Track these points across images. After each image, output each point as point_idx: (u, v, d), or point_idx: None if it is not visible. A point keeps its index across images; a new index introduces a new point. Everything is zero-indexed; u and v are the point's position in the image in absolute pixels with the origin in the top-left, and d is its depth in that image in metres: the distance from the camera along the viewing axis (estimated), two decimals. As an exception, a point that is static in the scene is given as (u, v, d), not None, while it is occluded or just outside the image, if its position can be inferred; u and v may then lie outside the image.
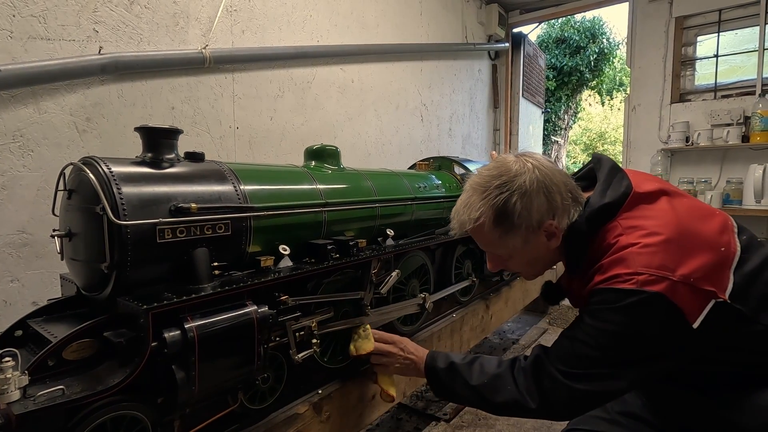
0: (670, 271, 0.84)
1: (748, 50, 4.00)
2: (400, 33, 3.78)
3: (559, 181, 0.98)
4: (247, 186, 1.32)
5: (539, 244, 1.00)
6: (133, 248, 1.03)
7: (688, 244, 0.87)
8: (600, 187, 0.99)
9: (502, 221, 0.97)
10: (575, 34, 10.64)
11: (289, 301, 1.29)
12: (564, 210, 0.97)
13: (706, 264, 0.86)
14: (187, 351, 0.99)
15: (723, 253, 0.88)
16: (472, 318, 2.37)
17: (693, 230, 0.90)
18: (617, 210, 0.95)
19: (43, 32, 1.79)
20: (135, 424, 0.97)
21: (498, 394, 1.00)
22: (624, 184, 0.97)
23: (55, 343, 0.95)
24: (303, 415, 1.34)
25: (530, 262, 1.07)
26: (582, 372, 0.91)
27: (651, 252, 0.86)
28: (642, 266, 0.85)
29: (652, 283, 0.83)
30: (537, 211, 0.95)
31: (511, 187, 0.95)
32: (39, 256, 1.82)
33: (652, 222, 0.91)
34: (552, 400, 0.93)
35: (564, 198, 0.97)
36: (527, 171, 0.96)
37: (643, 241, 0.88)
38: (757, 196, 3.59)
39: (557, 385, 0.92)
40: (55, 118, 1.85)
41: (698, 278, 0.84)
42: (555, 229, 0.97)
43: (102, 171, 1.05)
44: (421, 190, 2.07)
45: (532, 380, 0.96)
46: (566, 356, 0.94)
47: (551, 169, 0.99)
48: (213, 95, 2.41)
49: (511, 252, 1.03)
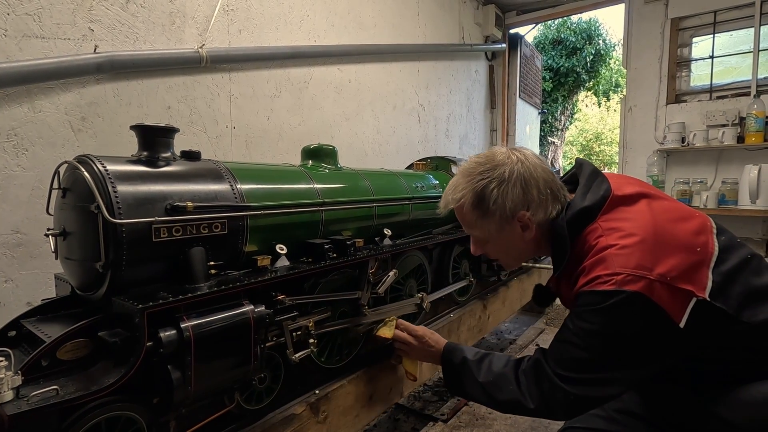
0: (647, 270, 0.86)
1: (743, 51, 4.02)
2: (397, 33, 3.78)
3: (539, 176, 1.02)
4: (243, 185, 1.32)
5: (514, 234, 1.05)
6: (128, 247, 1.02)
7: (664, 245, 0.90)
8: (580, 191, 1.04)
9: (479, 205, 1.03)
10: (572, 36, 10.69)
11: (286, 300, 1.28)
12: (539, 204, 1.02)
13: (682, 264, 0.88)
14: (183, 351, 0.98)
15: (699, 253, 0.91)
16: (470, 318, 2.37)
17: (669, 231, 0.92)
18: (597, 212, 0.98)
19: (38, 30, 1.78)
20: (130, 424, 0.96)
21: (501, 392, 1.04)
22: (603, 187, 1.01)
23: (49, 343, 0.94)
24: (300, 415, 1.34)
25: (506, 250, 1.12)
26: (576, 376, 0.93)
27: (628, 253, 0.89)
28: (620, 267, 0.87)
29: (631, 282, 0.86)
30: (511, 200, 1.01)
31: (492, 174, 1.02)
32: (33, 257, 1.80)
33: (629, 224, 0.94)
34: (550, 402, 0.97)
35: (541, 192, 1.01)
36: (510, 163, 1.02)
37: (621, 243, 0.91)
38: (752, 196, 3.61)
39: (555, 388, 0.95)
40: (50, 117, 1.84)
41: (674, 277, 0.86)
42: (528, 220, 1.02)
43: (97, 169, 1.04)
44: (418, 190, 2.07)
45: (533, 382, 1.00)
46: (560, 359, 0.97)
47: (535, 165, 1.03)
48: (209, 95, 2.40)
49: (487, 236, 1.09)
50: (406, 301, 1.83)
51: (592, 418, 1.25)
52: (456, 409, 2.40)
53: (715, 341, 0.91)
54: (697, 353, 0.93)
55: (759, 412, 0.88)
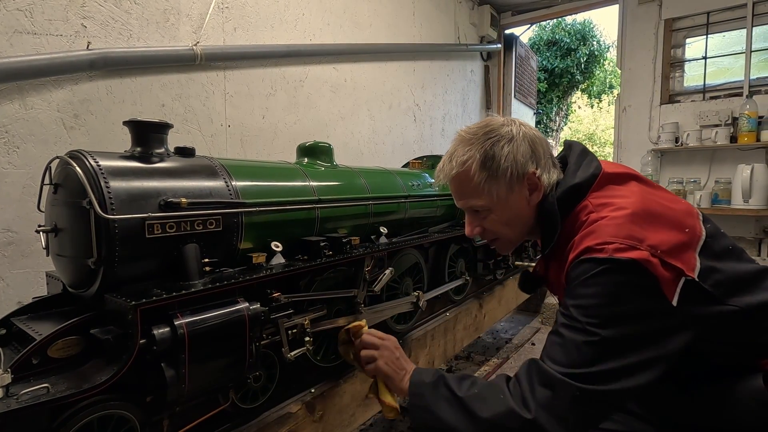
0: (638, 241, 0.83)
1: (736, 52, 4.06)
2: (392, 33, 3.78)
3: (539, 138, 1.02)
4: (238, 182, 1.30)
5: (521, 198, 1.00)
6: (121, 243, 1.00)
7: (654, 219, 0.87)
8: (571, 169, 1.01)
9: (489, 164, 0.97)
10: (566, 37, 10.74)
11: (282, 298, 1.27)
12: (545, 164, 1.00)
13: (672, 240, 0.85)
14: (177, 348, 0.97)
15: (688, 234, 0.88)
16: (466, 317, 2.36)
17: (659, 208, 0.90)
18: (587, 190, 0.96)
19: (30, 26, 1.76)
20: (123, 423, 0.95)
21: (486, 405, 0.84)
22: (594, 165, 0.99)
23: (40, 340, 0.93)
24: (295, 414, 1.33)
25: (509, 220, 1.02)
26: (581, 371, 0.79)
27: (618, 223, 0.86)
28: (611, 236, 0.84)
29: (624, 250, 0.81)
30: (522, 156, 0.97)
31: (499, 133, 0.99)
32: (25, 255, 1.78)
33: (619, 200, 0.91)
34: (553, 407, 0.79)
35: (545, 153, 1.01)
36: (511, 124, 1.01)
37: (611, 215, 0.88)
38: (745, 195, 3.64)
39: (560, 386, 0.79)
40: (42, 114, 1.81)
41: (665, 251, 0.83)
42: (538, 180, 0.98)
43: (89, 165, 1.02)
44: (414, 188, 2.07)
45: (528, 386, 0.83)
46: (559, 353, 0.83)
47: (533, 129, 1.04)
48: (204, 93, 2.39)
49: (493, 203, 1.00)
50: (402, 299, 1.83)
51: None
52: (452, 408, 2.39)
53: (702, 329, 0.87)
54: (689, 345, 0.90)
55: (745, 407, 0.88)
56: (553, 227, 0.97)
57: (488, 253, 2.61)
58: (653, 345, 0.82)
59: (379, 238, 1.79)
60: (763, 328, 0.89)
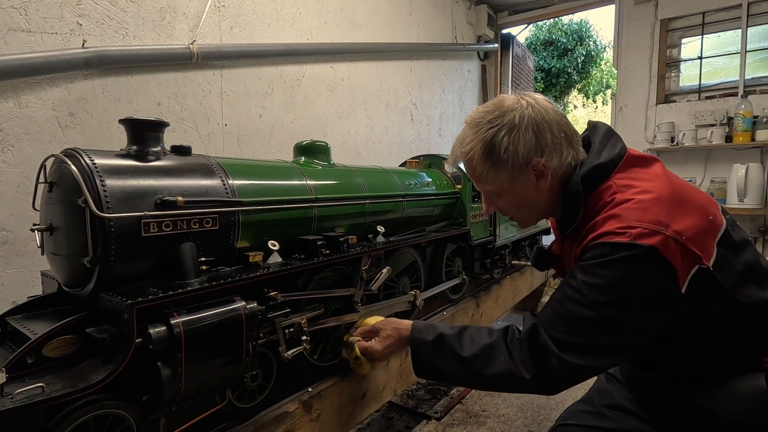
0: (663, 226, 0.82)
1: (731, 52, 4.09)
2: (390, 32, 3.78)
3: (551, 119, 0.96)
4: (235, 180, 1.30)
5: (528, 184, 0.99)
6: (116, 242, 1.00)
7: (680, 205, 0.87)
8: (596, 148, 0.99)
9: (491, 155, 0.97)
10: (563, 37, 10.78)
11: (279, 297, 1.27)
12: (554, 149, 0.96)
13: (697, 225, 0.85)
14: (173, 348, 0.96)
15: (711, 222, 0.88)
16: (463, 316, 2.37)
17: (685, 193, 0.90)
18: (612, 170, 0.94)
19: (24, 24, 1.75)
20: (119, 423, 0.94)
21: (490, 365, 0.93)
22: (619, 146, 0.97)
23: (35, 339, 0.92)
24: (293, 413, 1.32)
25: (519, 204, 1.04)
26: (574, 340, 0.87)
27: (644, 207, 0.85)
28: (635, 220, 0.83)
29: (646, 236, 0.81)
30: (524, 147, 0.95)
31: (501, 122, 0.96)
32: (20, 255, 1.76)
33: (645, 183, 0.90)
34: (547, 371, 0.89)
35: (555, 137, 0.96)
36: (520, 108, 0.96)
37: (637, 198, 0.87)
38: (740, 195, 3.66)
39: (552, 356, 0.88)
40: (37, 112, 1.80)
41: (689, 238, 0.83)
42: (543, 167, 0.96)
43: (84, 163, 1.02)
44: (411, 187, 2.07)
45: (528, 351, 0.91)
46: (559, 321, 0.89)
47: (546, 108, 0.97)
48: (201, 92, 2.38)
49: (500, 189, 1.02)
50: (399, 298, 1.83)
51: (582, 414, 1.25)
52: (449, 407, 2.40)
53: (705, 318, 0.89)
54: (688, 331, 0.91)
55: (747, 406, 0.88)
56: (576, 207, 0.96)
57: (485, 252, 2.61)
58: (648, 328, 0.87)
59: (376, 237, 1.79)
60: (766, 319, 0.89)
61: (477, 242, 2.42)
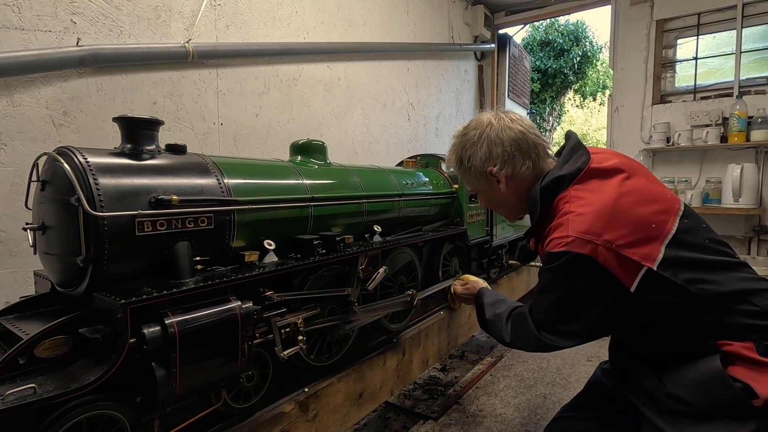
0: (595, 236, 0.95)
1: (726, 53, 4.10)
2: (386, 32, 3.78)
3: (505, 136, 1.17)
4: (231, 179, 1.29)
5: (491, 186, 1.23)
6: (110, 241, 0.99)
7: (617, 218, 0.98)
8: (560, 161, 1.14)
9: (461, 164, 1.25)
10: (559, 37, 10.81)
11: (275, 297, 1.26)
12: (505, 159, 1.17)
13: (630, 235, 0.96)
14: (168, 348, 0.95)
15: (654, 230, 0.98)
16: (460, 315, 2.36)
17: (626, 209, 1.00)
18: (570, 182, 1.07)
19: (17, 22, 1.73)
20: (112, 424, 0.93)
21: (496, 328, 1.26)
22: (582, 159, 1.10)
23: (27, 340, 0.91)
24: (289, 413, 1.32)
25: (491, 201, 1.29)
26: (547, 323, 1.07)
27: (581, 220, 0.98)
28: (572, 231, 0.97)
29: (578, 245, 0.96)
30: (479, 159, 1.19)
31: (466, 138, 1.23)
32: (12, 255, 1.75)
33: (593, 195, 1.03)
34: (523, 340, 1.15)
35: (505, 150, 1.16)
36: (481, 127, 1.20)
37: (578, 210, 1.01)
38: (735, 195, 3.68)
39: (530, 333, 1.10)
40: (30, 111, 1.78)
41: (620, 245, 0.94)
42: (497, 174, 1.18)
43: (78, 161, 1.01)
44: (408, 187, 2.06)
45: (515, 324, 1.18)
46: (537, 306, 1.11)
47: (506, 127, 1.18)
48: (196, 91, 2.36)
49: (476, 189, 1.29)
50: (396, 298, 1.82)
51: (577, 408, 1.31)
52: (446, 407, 2.39)
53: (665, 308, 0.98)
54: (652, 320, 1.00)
55: (708, 389, 0.92)
56: (534, 212, 1.14)
57: (482, 252, 2.61)
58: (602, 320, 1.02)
59: (373, 236, 1.78)
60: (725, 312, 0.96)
61: (474, 242, 2.41)
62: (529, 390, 2.60)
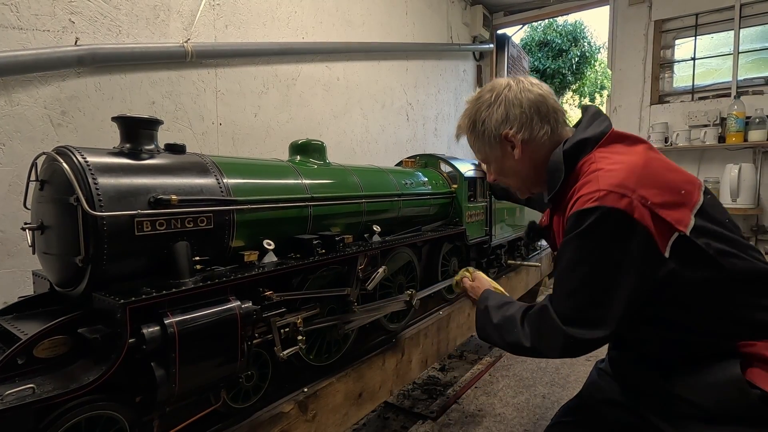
0: (630, 190, 0.87)
1: (724, 54, 4.12)
2: (385, 32, 3.78)
3: (524, 97, 1.09)
4: (230, 179, 1.29)
5: (506, 154, 1.14)
6: (109, 241, 0.99)
7: (650, 178, 0.91)
8: (582, 126, 1.08)
9: (474, 127, 1.16)
10: (557, 38, 10.83)
11: (274, 296, 1.26)
12: (523, 122, 1.08)
13: (664, 197, 0.89)
14: (167, 347, 0.95)
15: (683, 196, 0.92)
16: (459, 315, 2.36)
17: (657, 172, 0.95)
18: (594, 144, 1.02)
19: (15, 21, 1.72)
20: (112, 424, 0.93)
21: (508, 334, 1.09)
22: (605, 124, 1.05)
23: (25, 340, 0.91)
24: (288, 414, 1.31)
25: (503, 170, 1.19)
26: (572, 313, 0.93)
27: (613, 174, 0.91)
28: (604, 185, 0.89)
29: (613, 199, 0.86)
30: (495, 120, 1.10)
31: (482, 100, 1.14)
32: (11, 255, 1.74)
33: (621, 156, 0.97)
34: (546, 341, 0.99)
35: (524, 111, 1.08)
36: (499, 88, 1.12)
37: (608, 167, 0.93)
38: (733, 194, 3.70)
39: (555, 329, 0.95)
40: (29, 110, 1.78)
41: (656, 204, 0.87)
42: (513, 138, 1.09)
43: (77, 161, 1.00)
44: (407, 187, 2.06)
45: (534, 324, 1.03)
46: (560, 297, 0.97)
47: (525, 89, 1.10)
48: (195, 90, 2.36)
49: (486, 157, 1.20)
50: (395, 298, 1.82)
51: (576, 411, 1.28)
52: (445, 407, 2.39)
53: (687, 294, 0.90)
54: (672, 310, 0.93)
55: (723, 394, 0.88)
56: (557, 177, 1.04)
57: (481, 251, 2.61)
58: (634, 290, 0.89)
59: (372, 236, 1.78)
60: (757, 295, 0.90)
61: (473, 242, 2.42)
62: (528, 390, 2.60)
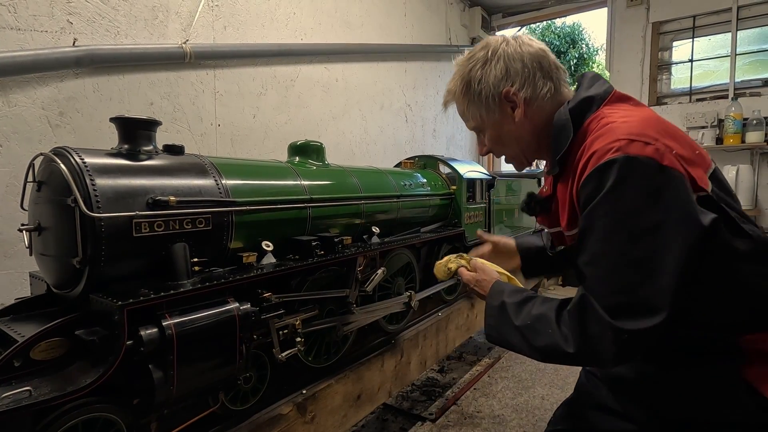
0: (652, 138, 0.76)
1: (721, 55, 4.13)
2: (384, 33, 3.78)
3: (525, 51, 0.98)
4: (229, 180, 1.29)
5: (504, 115, 1.00)
6: (107, 242, 0.98)
7: (668, 131, 0.82)
8: (584, 86, 0.99)
9: (468, 90, 1.01)
10: (556, 40, 10.86)
11: (273, 298, 1.26)
12: (526, 78, 0.96)
13: (685, 152, 0.79)
14: (165, 349, 0.95)
15: (698, 156, 0.83)
16: (458, 316, 2.36)
17: (672, 127, 0.87)
18: (600, 102, 0.93)
19: (13, 22, 1.72)
20: (109, 426, 0.93)
21: (539, 336, 0.87)
22: (607, 85, 0.98)
23: (22, 342, 0.90)
24: (287, 415, 1.31)
25: (500, 138, 1.04)
26: (620, 300, 0.76)
27: (630, 124, 0.80)
28: (622, 134, 0.78)
29: (637, 147, 0.75)
30: (494, 77, 0.97)
31: (476, 57, 1.00)
32: (8, 256, 1.73)
33: (631, 110, 0.89)
34: (597, 344, 0.79)
35: (525, 66, 0.96)
36: (495, 44, 0.99)
37: (622, 119, 0.84)
38: (730, 196, 3.70)
39: (605, 328, 0.77)
40: (26, 111, 1.77)
41: (680, 155, 0.76)
42: (515, 96, 0.97)
43: (74, 162, 1.00)
44: (406, 188, 2.06)
45: (577, 322, 0.82)
46: (600, 283, 0.79)
47: (524, 43, 0.99)
48: (194, 91, 2.35)
49: (481, 124, 1.04)
50: (394, 299, 1.82)
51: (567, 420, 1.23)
52: (444, 408, 2.39)
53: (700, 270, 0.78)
54: None
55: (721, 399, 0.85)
56: (564, 136, 0.92)
57: (480, 253, 2.61)
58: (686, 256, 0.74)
59: (371, 237, 1.78)
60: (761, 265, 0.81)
61: (472, 243, 2.41)
62: (527, 391, 2.60)
